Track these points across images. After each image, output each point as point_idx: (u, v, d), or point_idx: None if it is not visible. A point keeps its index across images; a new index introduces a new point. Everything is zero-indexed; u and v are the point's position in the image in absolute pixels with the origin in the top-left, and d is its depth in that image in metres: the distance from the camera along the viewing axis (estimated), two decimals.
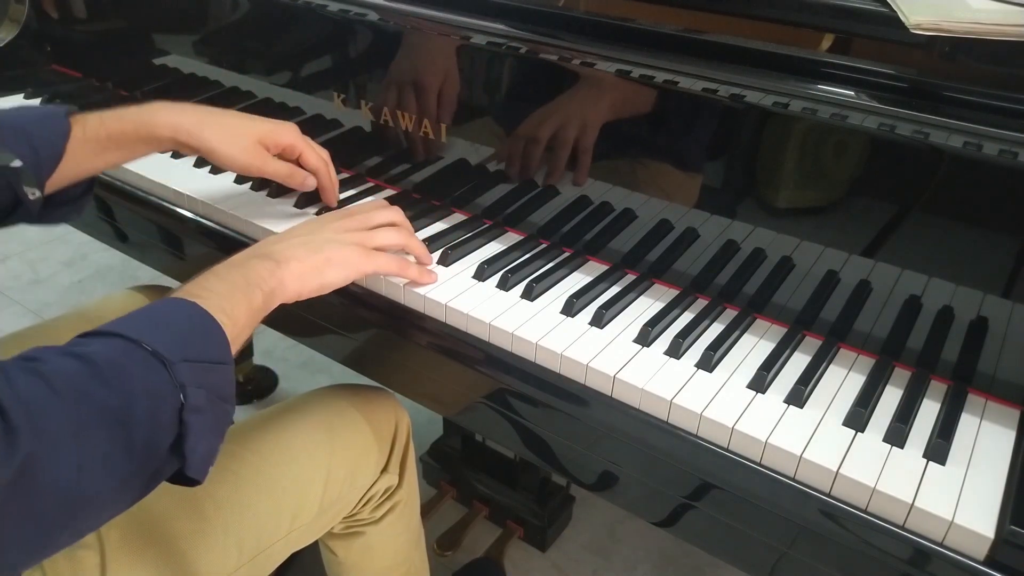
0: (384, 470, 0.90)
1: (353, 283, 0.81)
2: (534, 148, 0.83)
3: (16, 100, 1.20)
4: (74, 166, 0.78)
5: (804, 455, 0.60)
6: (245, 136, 0.83)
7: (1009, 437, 0.63)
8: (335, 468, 0.83)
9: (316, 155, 0.87)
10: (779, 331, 0.75)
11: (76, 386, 0.48)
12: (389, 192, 0.97)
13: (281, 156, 0.86)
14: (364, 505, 0.90)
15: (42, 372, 0.48)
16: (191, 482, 0.56)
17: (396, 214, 0.79)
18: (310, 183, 0.87)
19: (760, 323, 0.76)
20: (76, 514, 0.48)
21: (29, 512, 0.45)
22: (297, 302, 0.85)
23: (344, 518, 0.89)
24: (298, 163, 0.87)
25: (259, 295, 0.64)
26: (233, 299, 0.60)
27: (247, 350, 1.74)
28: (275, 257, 0.68)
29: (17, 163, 0.73)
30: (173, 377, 0.52)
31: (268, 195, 0.95)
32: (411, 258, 0.80)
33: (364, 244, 0.74)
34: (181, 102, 0.84)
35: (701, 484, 0.65)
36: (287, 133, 0.85)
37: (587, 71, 0.76)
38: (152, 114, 0.81)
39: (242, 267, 0.65)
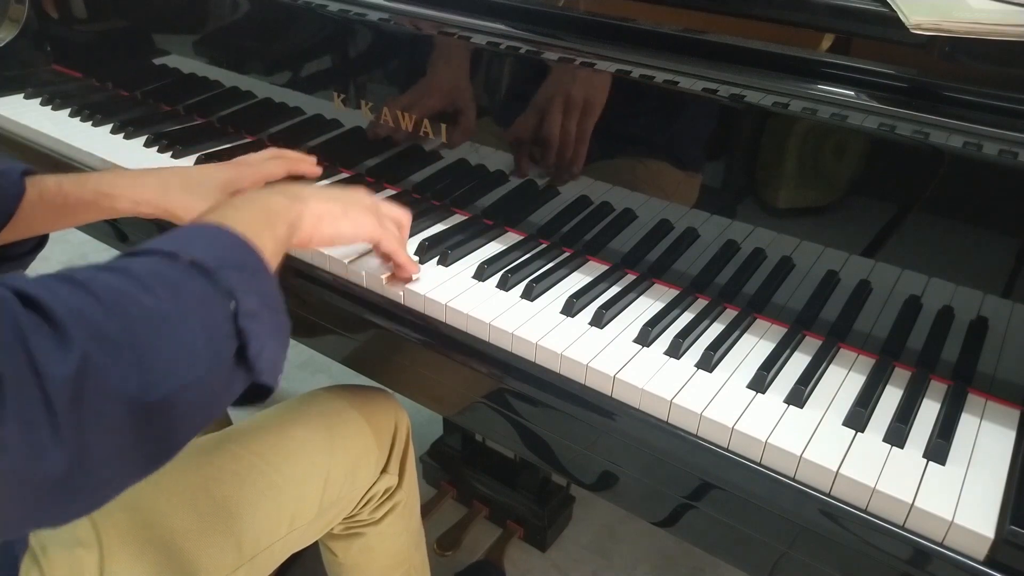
0: (384, 471, 0.90)
1: (353, 282, 0.82)
2: (534, 148, 0.83)
3: (16, 100, 1.20)
4: (24, 227, 0.77)
5: (804, 455, 0.60)
6: (207, 189, 0.81)
7: (1009, 437, 0.63)
8: (335, 468, 0.83)
9: (280, 166, 0.88)
10: (779, 331, 0.75)
11: (121, 294, 0.46)
12: (389, 192, 0.97)
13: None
14: (364, 506, 0.90)
15: (80, 281, 0.45)
16: (265, 392, 0.53)
17: (406, 216, 0.79)
18: None
19: (760, 323, 0.76)
20: (152, 421, 0.45)
21: (96, 418, 0.42)
22: (295, 303, 0.85)
23: (344, 519, 0.89)
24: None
25: (282, 226, 0.61)
26: (256, 228, 0.57)
27: None
28: (293, 194, 0.66)
29: None
30: (219, 284, 0.49)
31: None
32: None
33: (375, 210, 0.74)
34: (138, 170, 0.82)
35: (701, 484, 0.65)
36: (249, 174, 0.85)
37: (587, 71, 0.76)
38: (112, 187, 0.79)
39: (259, 199, 0.62)
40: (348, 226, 0.70)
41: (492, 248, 0.87)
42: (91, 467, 0.42)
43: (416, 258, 0.82)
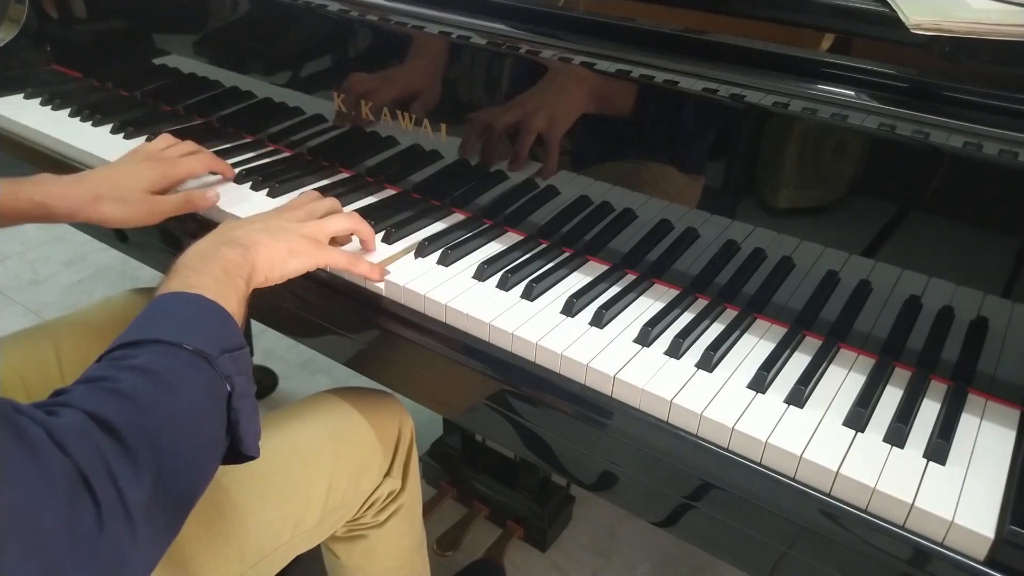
0: (387, 474, 0.90)
1: (354, 282, 0.82)
2: (533, 147, 0.83)
3: (16, 100, 1.20)
4: None
5: (804, 455, 0.60)
6: (135, 193, 0.84)
7: (1009, 437, 0.63)
8: (339, 473, 0.83)
9: (201, 162, 0.92)
10: (779, 331, 0.75)
11: (153, 400, 0.52)
12: (389, 192, 0.97)
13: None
14: (367, 509, 0.89)
15: (122, 391, 0.51)
16: (246, 459, 0.60)
17: (334, 203, 0.83)
18: (211, 197, 0.90)
19: (760, 323, 0.76)
20: (184, 515, 0.53)
21: (161, 525, 0.50)
22: (296, 304, 0.85)
23: (347, 522, 0.89)
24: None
25: (241, 283, 0.66)
26: (223, 291, 0.62)
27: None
28: (242, 242, 0.69)
29: None
30: (217, 370, 0.56)
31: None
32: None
33: (317, 237, 0.76)
34: (69, 177, 0.84)
35: (701, 484, 0.65)
36: (173, 173, 0.88)
37: (587, 71, 0.76)
38: (47, 197, 0.81)
39: (215, 258, 0.66)
40: (295, 264, 0.73)
41: (492, 248, 0.87)
42: (157, 554, 0.51)
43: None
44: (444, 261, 0.82)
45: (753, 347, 0.73)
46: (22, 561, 0.43)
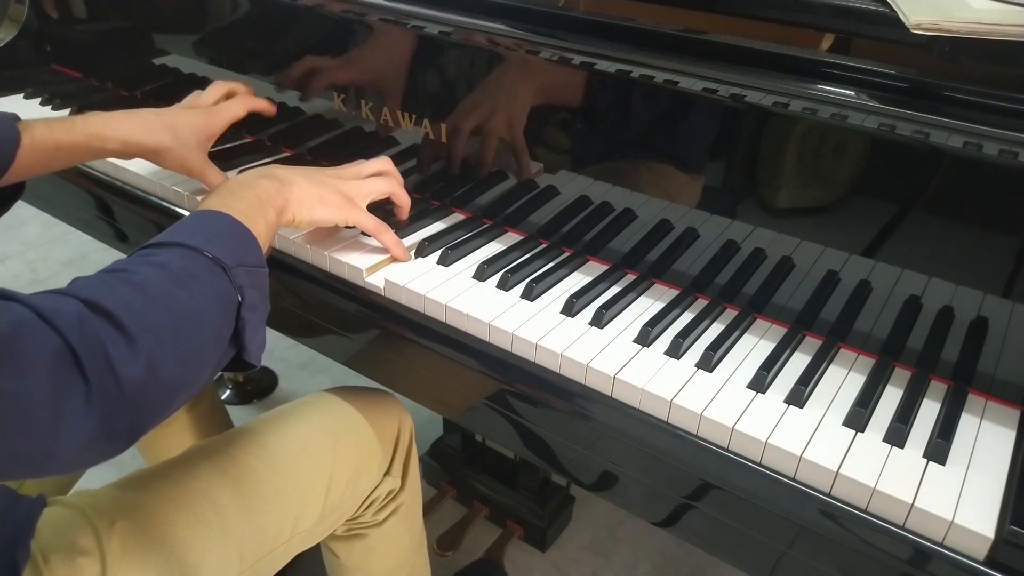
0: (387, 473, 0.90)
1: (354, 282, 0.82)
2: (533, 147, 0.83)
3: (16, 100, 1.20)
4: (17, 171, 0.81)
5: (804, 455, 0.60)
6: (184, 134, 0.88)
7: (1009, 437, 0.63)
8: (338, 472, 0.83)
9: (240, 104, 0.94)
10: (779, 331, 0.75)
11: (164, 292, 0.56)
12: None
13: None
14: (367, 508, 0.89)
15: (135, 282, 0.55)
16: (248, 367, 0.65)
17: (385, 163, 0.84)
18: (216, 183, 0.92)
19: (760, 323, 0.76)
20: (173, 402, 0.56)
21: (150, 403, 0.53)
22: (296, 303, 0.85)
23: (346, 521, 0.89)
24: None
25: (272, 213, 0.70)
26: (253, 216, 0.67)
27: None
28: (279, 178, 0.73)
29: None
30: (232, 280, 0.60)
31: None
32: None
33: (352, 196, 0.79)
34: (121, 112, 0.86)
35: (701, 484, 0.65)
36: (218, 121, 0.91)
37: (587, 71, 0.76)
38: (102, 128, 0.84)
39: (252, 186, 0.71)
40: (323, 213, 0.76)
41: (492, 248, 0.87)
42: (140, 432, 0.54)
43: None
44: (444, 261, 0.82)
45: (753, 347, 0.73)
46: (4, 440, 0.46)
